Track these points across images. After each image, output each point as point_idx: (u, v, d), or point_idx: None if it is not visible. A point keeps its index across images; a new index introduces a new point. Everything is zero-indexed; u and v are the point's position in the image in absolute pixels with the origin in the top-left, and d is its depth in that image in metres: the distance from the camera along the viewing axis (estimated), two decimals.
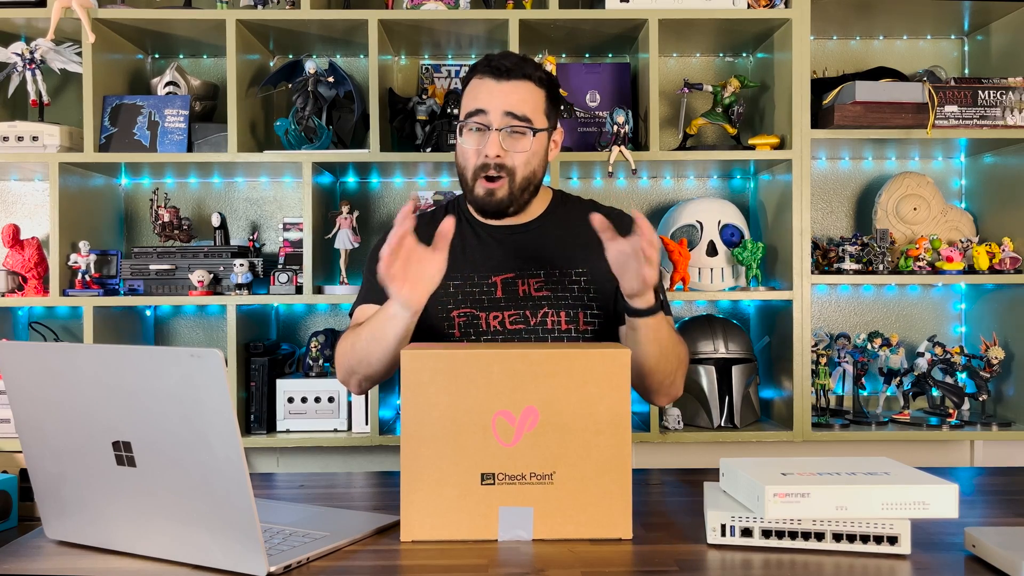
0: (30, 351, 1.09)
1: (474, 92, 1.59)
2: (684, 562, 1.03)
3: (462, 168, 1.62)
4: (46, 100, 2.43)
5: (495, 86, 1.57)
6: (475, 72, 1.61)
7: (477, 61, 1.63)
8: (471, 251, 1.65)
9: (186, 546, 1.03)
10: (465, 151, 1.60)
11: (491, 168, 1.57)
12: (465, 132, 1.59)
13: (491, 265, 1.63)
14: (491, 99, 1.56)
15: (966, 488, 1.40)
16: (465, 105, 1.61)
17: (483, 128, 1.57)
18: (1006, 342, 2.45)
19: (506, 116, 1.56)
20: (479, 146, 1.57)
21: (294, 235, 2.50)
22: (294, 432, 2.37)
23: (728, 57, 2.72)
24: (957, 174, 2.72)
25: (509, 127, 1.56)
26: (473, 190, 1.60)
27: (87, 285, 2.32)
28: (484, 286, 1.62)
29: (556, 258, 1.64)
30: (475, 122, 1.57)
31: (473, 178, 1.59)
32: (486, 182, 1.58)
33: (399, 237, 1.39)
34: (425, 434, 1.10)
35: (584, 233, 1.64)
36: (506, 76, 1.57)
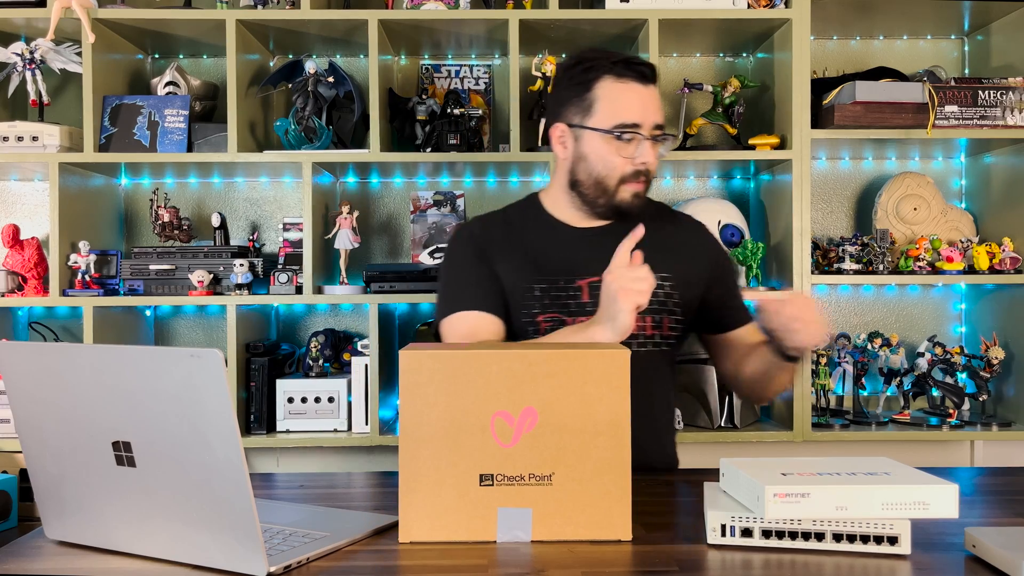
0: (30, 351, 1.09)
1: (622, 100, 1.55)
2: (684, 562, 1.03)
3: (602, 175, 1.57)
4: (46, 100, 2.43)
5: (643, 91, 1.56)
6: (610, 72, 1.56)
7: (599, 57, 1.58)
8: (556, 254, 1.62)
9: (186, 546, 1.03)
10: (610, 160, 1.56)
11: (642, 174, 1.57)
12: (608, 141, 1.55)
13: (577, 269, 1.60)
14: (643, 109, 1.55)
15: (966, 488, 1.40)
16: (607, 110, 1.55)
17: (634, 139, 1.55)
18: (1006, 342, 2.45)
19: (655, 128, 1.56)
20: (629, 154, 1.55)
21: (294, 235, 2.50)
22: (294, 432, 2.37)
23: (728, 57, 2.72)
24: (957, 174, 2.72)
25: (655, 137, 1.56)
26: (616, 194, 1.58)
27: (87, 285, 2.32)
28: (570, 290, 1.59)
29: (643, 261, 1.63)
30: (628, 134, 1.54)
31: (619, 183, 1.57)
32: (634, 186, 1.57)
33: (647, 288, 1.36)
34: (424, 435, 1.10)
35: (668, 238, 1.66)
36: (648, 81, 1.57)
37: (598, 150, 1.56)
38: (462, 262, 1.63)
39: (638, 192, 1.58)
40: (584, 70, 1.57)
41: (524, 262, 1.61)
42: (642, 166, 1.55)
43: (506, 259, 1.61)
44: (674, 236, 1.69)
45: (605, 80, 1.55)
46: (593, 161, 1.57)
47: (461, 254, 1.64)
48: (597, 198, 1.60)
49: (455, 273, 1.63)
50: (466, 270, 1.62)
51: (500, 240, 1.64)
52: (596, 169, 1.57)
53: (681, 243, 1.69)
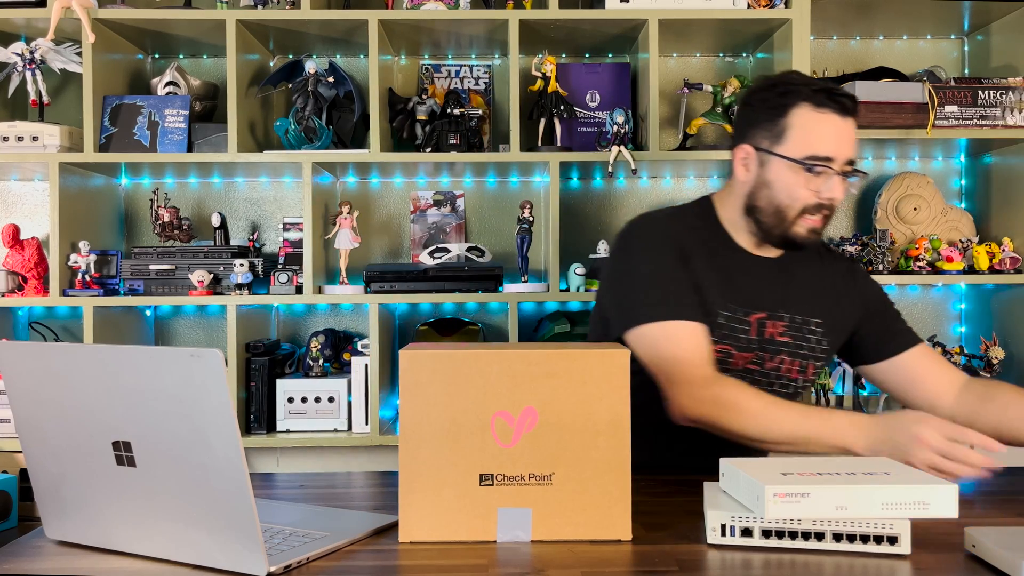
0: (30, 351, 1.09)
1: (815, 127, 1.46)
2: (684, 562, 1.03)
3: (784, 205, 1.49)
4: (46, 100, 2.43)
5: (841, 124, 1.47)
6: (809, 100, 1.47)
7: (799, 83, 1.49)
8: (737, 282, 1.54)
9: (186, 546, 1.03)
10: (795, 190, 1.47)
11: (824, 208, 1.49)
12: (797, 171, 1.47)
13: (752, 301, 1.53)
14: (838, 144, 1.46)
15: (966, 488, 1.40)
16: (801, 139, 1.47)
17: (824, 172, 1.47)
18: (1006, 342, 2.45)
19: (847, 163, 1.48)
20: (816, 187, 1.47)
21: (294, 235, 2.50)
22: (294, 432, 2.37)
23: (728, 57, 2.72)
24: (957, 174, 2.72)
25: (845, 173, 1.48)
26: (793, 226, 1.49)
27: (87, 285, 2.32)
28: (743, 323, 1.52)
29: (799, 302, 1.56)
30: (819, 167, 1.46)
31: (798, 215, 1.49)
32: (813, 221, 1.49)
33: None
34: (424, 435, 1.10)
35: (823, 279, 1.61)
36: (847, 113, 1.47)
37: (784, 179, 1.48)
38: (669, 262, 1.49)
39: (816, 228, 1.50)
40: (780, 94, 1.49)
41: (715, 284, 1.51)
42: (827, 201, 1.47)
43: (703, 273, 1.51)
44: (829, 278, 1.62)
45: (802, 107, 1.47)
46: (777, 189, 1.49)
47: (665, 253, 1.50)
48: (773, 228, 1.51)
49: (663, 273, 1.48)
50: (676, 272, 1.48)
51: (697, 249, 1.52)
52: (779, 198, 1.49)
53: (833, 285, 1.62)
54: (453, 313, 2.68)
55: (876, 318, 1.63)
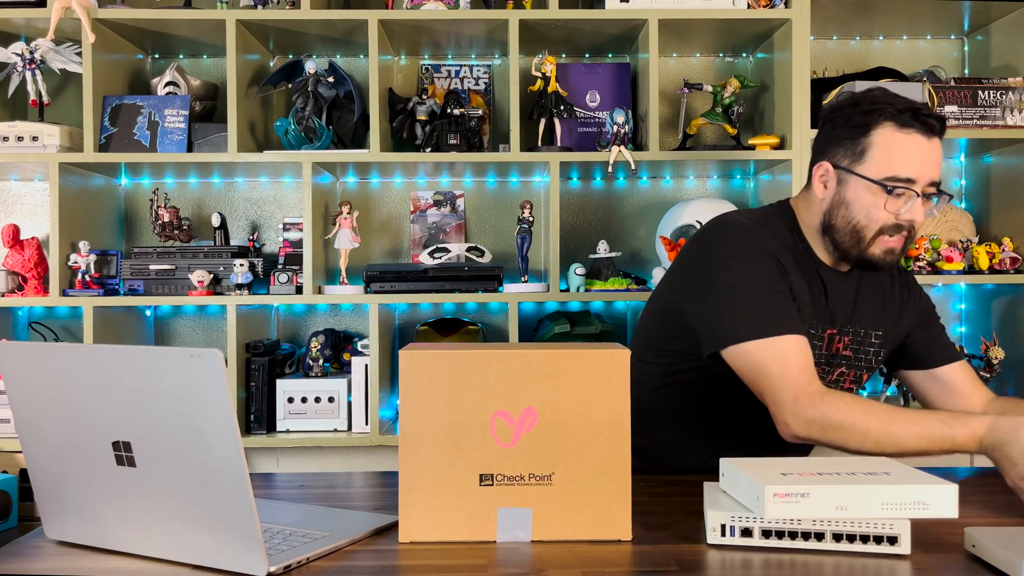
0: (30, 351, 1.09)
1: (898, 148, 1.42)
2: (684, 562, 1.03)
3: (861, 225, 1.45)
4: (46, 100, 2.43)
5: (926, 146, 1.43)
6: (894, 119, 1.43)
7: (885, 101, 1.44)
8: (821, 300, 1.52)
9: (186, 546, 1.03)
10: (873, 211, 1.44)
11: (904, 230, 1.45)
12: (877, 192, 1.43)
13: (828, 318, 1.53)
14: (922, 166, 1.42)
15: (966, 488, 1.40)
16: (883, 159, 1.43)
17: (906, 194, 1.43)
18: (1006, 342, 2.45)
19: (930, 185, 1.44)
20: (895, 209, 1.43)
21: (294, 235, 2.50)
22: (294, 432, 2.37)
23: (728, 57, 2.72)
24: (957, 174, 2.72)
25: (928, 195, 1.45)
26: (870, 246, 1.46)
27: (87, 285, 2.33)
28: (819, 339, 1.52)
29: (865, 317, 1.55)
30: (900, 189, 1.42)
31: (877, 234, 1.45)
32: (891, 243, 1.46)
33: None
34: (424, 435, 1.10)
35: (886, 291, 1.60)
36: (933, 134, 1.44)
37: (862, 199, 1.45)
38: (767, 273, 1.44)
39: (894, 249, 1.46)
40: (864, 112, 1.45)
41: (805, 301, 1.49)
42: (907, 223, 1.44)
43: (796, 289, 1.48)
44: (892, 291, 1.61)
45: (886, 127, 1.43)
46: (855, 209, 1.46)
47: (761, 263, 1.45)
48: (850, 248, 1.48)
49: (763, 285, 1.43)
50: (775, 283, 1.44)
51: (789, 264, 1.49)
52: (856, 218, 1.46)
53: (895, 298, 1.61)
54: (453, 313, 2.68)
55: (926, 330, 1.63)
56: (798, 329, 1.40)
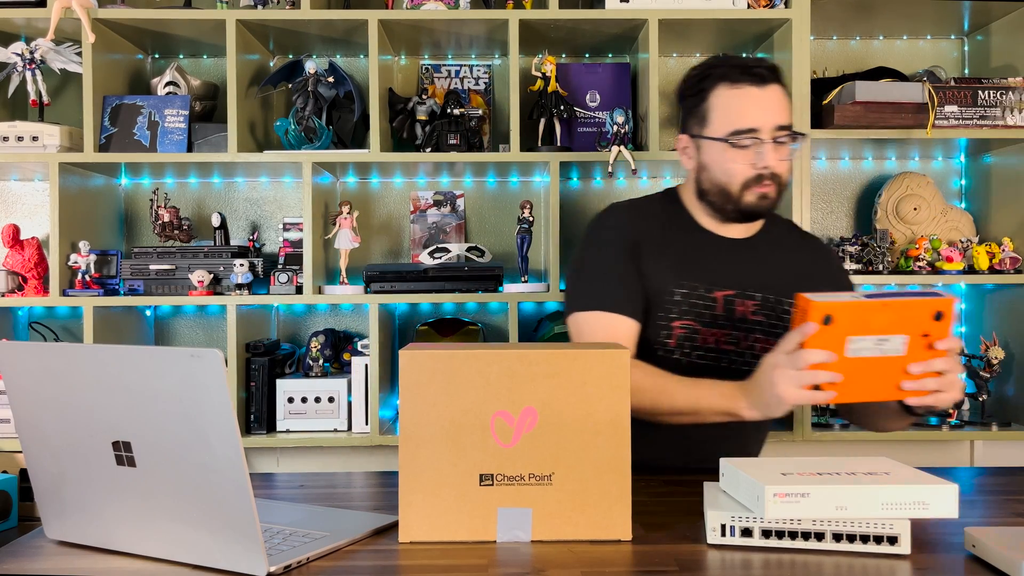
0: (30, 351, 1.09)
1: (736, 105, 1.51)
2: (684, 562, 1.03)
3: (723, 183, 1.54)
4: (46, 100, 2.43)
5: (760, 95, 1.51)
6: (724, 79, 1.52)
7: (715, 65, 1.55)
8: (698, 261, 1.59)
9: (186, 546, 1.03)
10: (731, 168, 1.53)
11: (766, 178, 1.52)
12: (726, 148, 1.52)
13: (716, 279, 1.58)
14: (760, 113, 1.50)
15: (966, 488, 1.40)
16: (722, 118, 1.52)
17: (753, 143, 1.51)
18: (1006, 342, 2.45)
19: (777, 129, 1.51)
20: (748, 160, 1.51)
21: (294, 235, 2.50)
22: (294, 432, 2.37)
23: None
24: (957, 174, 2.72)
25: (778, 139, 1.51)
26: (741, 199, 1.54)
27: (87, 285, 2.32)
28: (707, 300, 1.57)
29: (773, 282, 1.60)
30: (745, 140, 1.50)
31: (742, 188, 1.53)
32: (760, 189, 1.53)
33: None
34: (424, 435, 1.10)
35: (799, 260, 1.64)
36: (765, 82, 1.51)
37: (717, 159, 1.54)
38: (611, 254, 1.58)
39: (766, 195, 1.53)
40: (700, 79, 1.56)
41: (670, 264, 1.58)
42: (764, 170, 1.51)
43: (655, 258, 1.58)
44: (806, 260, 1.65)
45: (719, 88, 1.53)
46: (715, 170, 1.55)
47: (611, 244, 1.59)
48: (725, 205, 1.57)
49: (602, 264, 1.58)
50: (614, 264, 1.57)
51: (650, 235, 1.60)
52: (718, 177, 1.55)
53: (809, 267, 1.66)
54: (453, 313, 2.68)
55: None
56: (623, 310, 1.53)
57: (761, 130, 1.50)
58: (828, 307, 1.21)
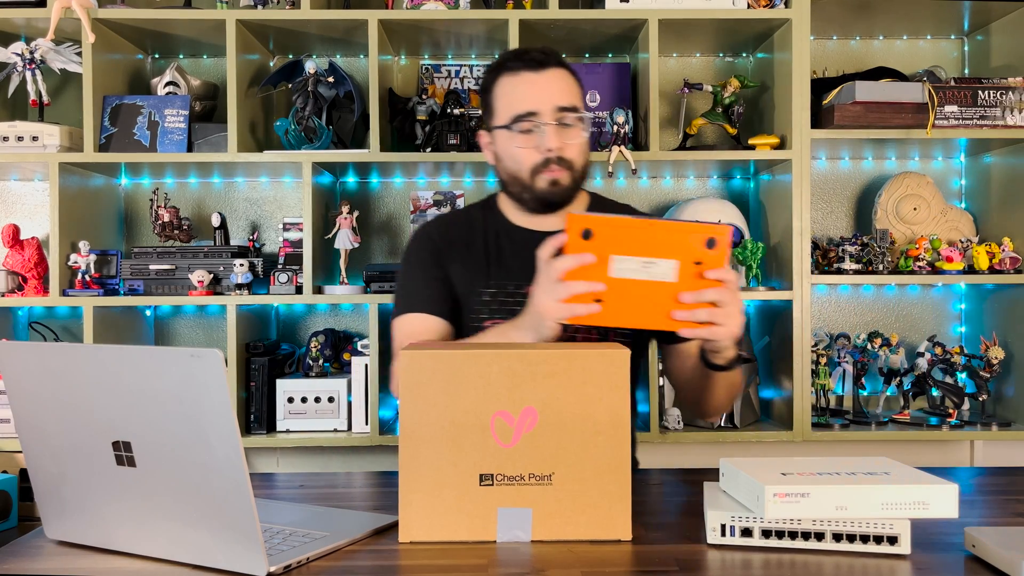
0: (30, 351, 1.09)
1: (513, 90, 1.54)
2: (684, 562, 1.03)
3: (514, 171, 1.56)
4: (46, 100, 2.43)
5: (536, 79, 1.53)
6: (504, 69, 1.56)
7: (499, 60, 1.59)
8: (506, 258, 1.61)
9: (186, 546, 1.03)
10: (517, 154, 1.54)
11: (553, 162, 1.53)
12: (512, 135, 1.54)
13: (525, 274, 1.55)
14: (538, 95, 1.52)
15: (966, 488, 1.40)
16: (504, 106, 1.55)
17: (535, 127, 1.52)
18: (1006, 342, 2.45)
19: (557, 111, 1.52)
20: (533, 145, 1.53)
21: (294, 235, 2.50)
22: (294, 432, 2.37)
23: (728, 57, 2.72)
24: (957, 174, 2.72)
25: (561, 120, 1.52)
26: (534, 186, 1.55)
27: (87, 285, 2.32)
28: (518, 296, 1.57)
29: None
30: (526, 124, 1.52)
31: (532, 174, 1.54)
32: (548, 173, 1.54)
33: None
34: (423, 435, 1.10)
35: None
36: (542, 66, 1.53)
37: (505, 147, 1.57)
38: (417, 263, 1.64)
39: (557, 180, 1.54)
40: (486, 75, 1.61)
41: (478, 265, 1.61)
42: (549, 153, 1.52)
43: (461, 261, 1.61)
44: None
45: (501, 78, 1.56)
46: (506, 159, 1.58)
47: (417, 255, 1.65)
48: (521, 193, 1.58)
49: (410, 274, 1.64)
50: (420, 272, 1.62)
51: (457, 241, 1.64)
52: (508, 166, 1.57)
53: None
54: None
55: None
56: (426, 309, 1.57)
57: (540, 113, 1.52)
58: (587, 220, 1.18)
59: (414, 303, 1.60)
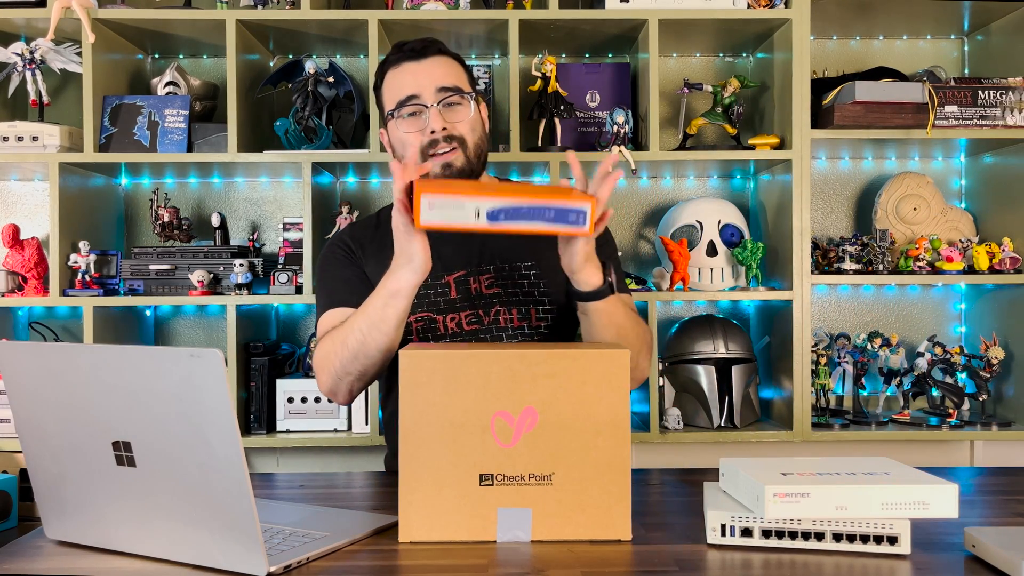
0: (30, 351, 1.09)
1: (397, 81, 1.58)
2: (684, 562, 1.03)
3: (406, 156, 1.52)
4: (46, 100, 2.43)
5: (416, 67, 1.57)
6: (388, 65, 1.61)
7: (384, 58, 1.63)
8: None
9: (186, 546, 1.03)
10: (405, 138, 1.56)
11: (440, 142, 1.54)
12: (399, 122, 1.57)
13: (442, 264, 1.59)
14: (419, 80, 1.56)
15: (966, 488, 1.40)
16: (390, 97, 1.59)
17: (419, 110, 1.55)
18: (1006, 342, 2.45)
19: (439, 92, 1.55)
20: (419, 128, 1.55)
21: (294, 235, 2.50)
22: (294, 432, 2.37)
23: (728, 57, 2.72)
24: (957, 174, 2.72)
25: (444, 100, 1.55)
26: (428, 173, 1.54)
27: (87, 285, 2.32)
28: (438, 287, 1.59)
29: (504, 252, 1.61)
30: (409, 108, 1.55)
31: (422, 158, 1.55)
32: (439, 158, 1.55)
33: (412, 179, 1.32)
34: (423, 435, 1.10)
35: None
36: (422, 55, 1.57)
37: (396, 135, 1.59)
38: (333, 264, 1.66)
39: (450, 162, 1.56)
40: (376, 76, 1.64)
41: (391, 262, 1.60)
42: (437, 134, 1.54)
43: (376, 260, 1.61)
44: None
45: (388, 73, 1.61)
46: (398, 148, 1.60)
47: (332, 258, 1.67)
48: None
49: (329, 273, 1.66)
50: (337, 271, 1.65)
51: (368, 243, 1.65)
52: (401, 153, 1.59)
53: None
54: None
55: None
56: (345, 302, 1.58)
57: (421, 95, 1.55)
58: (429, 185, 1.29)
59: (335, 300, 1.61)
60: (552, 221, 1.29)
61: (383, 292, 1.42)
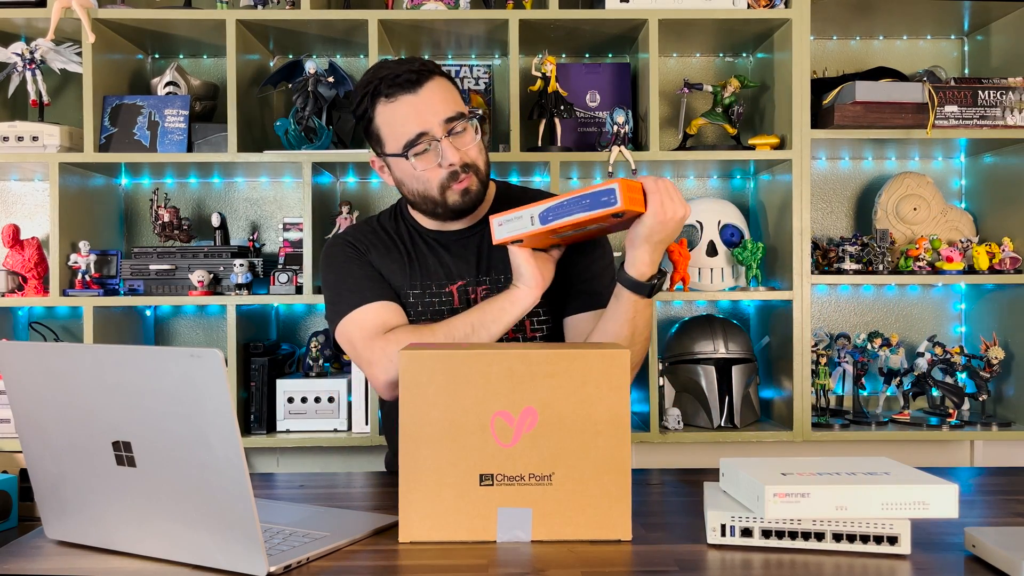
0: (30, 351, 1.09)
1: (396, 117, 1.51)
2: (684, 562, 1.03)
3: (422, 191, 1.54)
4: (46, 100, 2.43)
5: (415, 100, 1.49)
6: (379, 95, 1.51)
7: (369, 82, 1.52)
8: (424, 261, 1.62)
9: (186, 546, 1.03)
10: (421, 176, 1.52)
11: (460, 173, 1.51)
12: (411, 160, 1.51)
13: (445, 273, 1.60)
14: (422, 116, 1.49)
15: (966, 488, 1.40)
16: (391, 135, 1.52)
17: (429, 144, 1.50)
18: (1006, 342, 2.45)
19: (446, 123, 1.50)
20: (434, 164, 1.51)
21: (294, 235, 2.50)
22: (294, 432, 2.37)
23: (728, 57, 2.72)
24: (957, 174, 2.72)
25: (452, 130, 1.50)
26: (447, 201, 1.54)
27: (87, 285, 2.32)
28: (442, 295, 1.60)
29: (500, 264, 1.59)
30: (421, 146, 1.49)
31: (442, 190, 1.53)
32: (458, 185, 1.52)
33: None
34: (424, 435, 1.10)
35: None
36: (417, 84, 1.49)
37: (406, 172, 1.54)
38: (348, 263, 1.60)
39: (466, 189, 1.53)
40: (360, 103, 1.54)
41: (400, 269, 1.61)
42: (452, 167, 1.50)
43: (386, 263, 1.61)
44: None
45: (379, 107, 1.52)
46: (410, 182, 1.55)
47: (343, 257, 1.61)
48: (435, 208, 1.56)
49: (343, 273, 1.59)
50: (357, 269, 1.59)
51: (374, 248, 1.63)
52: (415, 188, 1.55)
53: None
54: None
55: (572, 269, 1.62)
56: (377, 297, 1.54)
57: (431, 130, 1.49)
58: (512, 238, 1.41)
59: (367, 296, 1.55)
60: (590, 208, 1.33)
61: (503, 298, 1.47)
